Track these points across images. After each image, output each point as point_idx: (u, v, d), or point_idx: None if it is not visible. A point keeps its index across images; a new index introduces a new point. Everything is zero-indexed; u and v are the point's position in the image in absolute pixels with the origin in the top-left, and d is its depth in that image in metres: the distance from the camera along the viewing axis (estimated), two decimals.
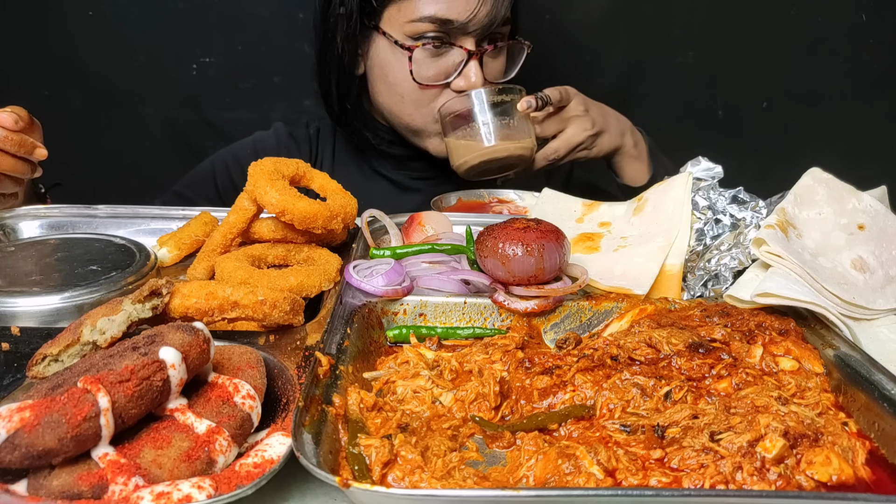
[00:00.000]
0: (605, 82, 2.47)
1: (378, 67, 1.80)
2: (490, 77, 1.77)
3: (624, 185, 1.86)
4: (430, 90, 1.76)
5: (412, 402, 0.93)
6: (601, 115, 1.77)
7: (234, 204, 1.27)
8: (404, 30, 1.71)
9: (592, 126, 1.74)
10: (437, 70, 1.74)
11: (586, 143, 1.75)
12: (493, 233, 1.13)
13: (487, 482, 0.79)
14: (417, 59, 1.72)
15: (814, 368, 0.98)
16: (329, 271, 1.20)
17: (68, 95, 2.38)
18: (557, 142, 1.73)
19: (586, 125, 1.73)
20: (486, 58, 1.76)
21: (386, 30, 1.73)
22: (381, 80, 1.82)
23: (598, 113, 1.77)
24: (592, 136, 1.74)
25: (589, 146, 1.76)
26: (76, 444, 0.70)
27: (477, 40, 1.71)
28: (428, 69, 1.73)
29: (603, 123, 1.76)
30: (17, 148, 1.35)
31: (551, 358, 1.00)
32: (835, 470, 0.78)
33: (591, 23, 2.41)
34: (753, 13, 2.40)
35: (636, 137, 1.84)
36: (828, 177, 1.29)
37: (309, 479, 0.78)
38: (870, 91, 2.46)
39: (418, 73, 1.73)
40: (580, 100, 1.76)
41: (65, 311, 1.08)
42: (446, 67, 1.73)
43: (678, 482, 0.78)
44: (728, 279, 1.20)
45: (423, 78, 1.73)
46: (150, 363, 0.76)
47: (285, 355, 0.97)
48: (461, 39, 1.70)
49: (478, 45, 1.72)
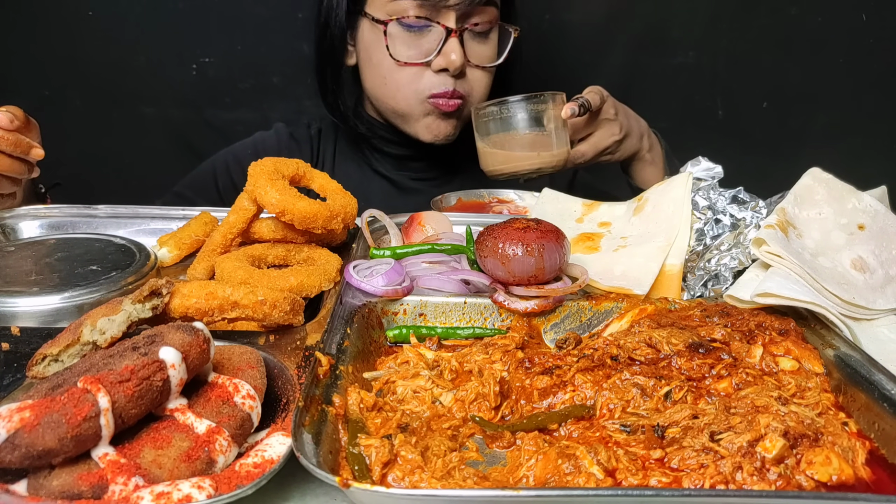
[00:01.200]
0: (606, 82, 2.43)
1: (363, 51, 1.81)
2: (475, 60, 1.75)
3: (637, 187, 1.84)
4: (410, 69, 1.73)
5: (412, 402, 0.93)
6: (626, 118, 1.76)
7: (234, 204, 1.27)
8: (387, 9, 1.71)
9: (620, 130, 1.72)
10: (416, 49, 1.72)
11: (612, 147, 1.74)
12: (493, 233, 1.13)
13: (487, 482, 0.79)
14: (395, 35, 1.71)
15: (814, 368, 0.98)
16: (329, 271, 1.20)
17: (68, 95, 2.38)
18: (586, 145, 1.71)
19: (614, 130, 1.72)
20: (471, 40, 1.74)
21: (369, 12, 1.74)
22: (366, 63, 1.82)
23: (625, 116, 1.75)
24: (618, 142, 1.73)
25: (614, 150, 1.75)
26: (76, 444, 0.70)
27: (457, 17, 1.68)
28: (408, 48, 1.72)
29: (628, 127, 1.75)
30: (13, 148, 1.34)
31: (551, 358, 1.00)
32: (835, 470, 0.78)
33: (592, 23, 2.41)
34: (753, 13, 2.40)
35: (652, 141, 1.83)
36: (828, 177, 1.29)
37: (309, 479, 0.78)
38: (870, 91, 2.46)
39: (396, 50, 1.71)
40: (611, 102, 1.74)
41: (65, 311, 1.08)
42: (427, 47, 1.71)
43: (678, 482, 0.78)
44: (728, 279, 1.20)
45: (401, 56, 1.72)
46: (150, 363, 0.76)
47: (285, 355, 0.97)
48: (442, 17, 1.68)
49: (459, 24, 1.69)
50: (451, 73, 1.72)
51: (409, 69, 1.74)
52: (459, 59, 1.69)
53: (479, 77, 1.80)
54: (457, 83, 1.75)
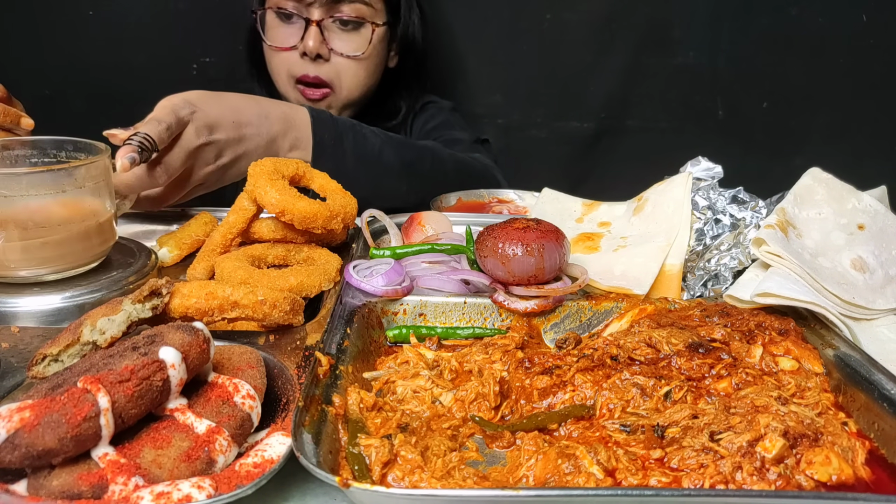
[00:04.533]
0: (606, 82, 2.47)
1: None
2: (342, 51, 1.93)
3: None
4: (282, 53, 1.96)
5: (412, 402, 0.93)
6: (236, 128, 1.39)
7: (233, 204, 1.27)
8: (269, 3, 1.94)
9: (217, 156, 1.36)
10: (285, 34, 1.94)
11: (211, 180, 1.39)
12: (493, 233, 1.13)
13: (487, 482, 0.79)
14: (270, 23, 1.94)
15: (814, 368, 0.98)
16: (329, 271, 1.20)
17: (68, 95, 2.38)
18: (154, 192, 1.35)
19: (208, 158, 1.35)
20: (336, 30, 1.93)
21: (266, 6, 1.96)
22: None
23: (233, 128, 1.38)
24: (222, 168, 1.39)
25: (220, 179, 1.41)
26: (76, 444, 0.70)
27: (320, 10, 1.89)
28: (278, 34, 1.95)
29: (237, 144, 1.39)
30: (2, 118, 1.30)
31: (551, 358, 1.00)
32: (834, 470, 0.78)
33: (592, 22, 2.41)
34: (754, 13, 2.40)
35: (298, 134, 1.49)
36: (828, 177, 1.29)
37: (309, 479, 0.78)
38: (870, 91, 2.46)
39: (269, 35, 1.96)
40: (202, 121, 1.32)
41: (65, 311, 1.08)
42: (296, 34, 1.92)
43: (678, 482, 0.78)
44: (728, 279, 1.20)
45: (272, 40, 1.96)
46: (150, 363, 0.76)
47: (285, 355, 0.97)
48: (308, 11, 1.90)
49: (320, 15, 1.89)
50: (311, 56, 1.91)
51: (282, 54, 1.96)
52: (315, 43, 1.89)
53: (347, 66, 1.97)
54: (320, 69, 1.94)
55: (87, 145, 1.20)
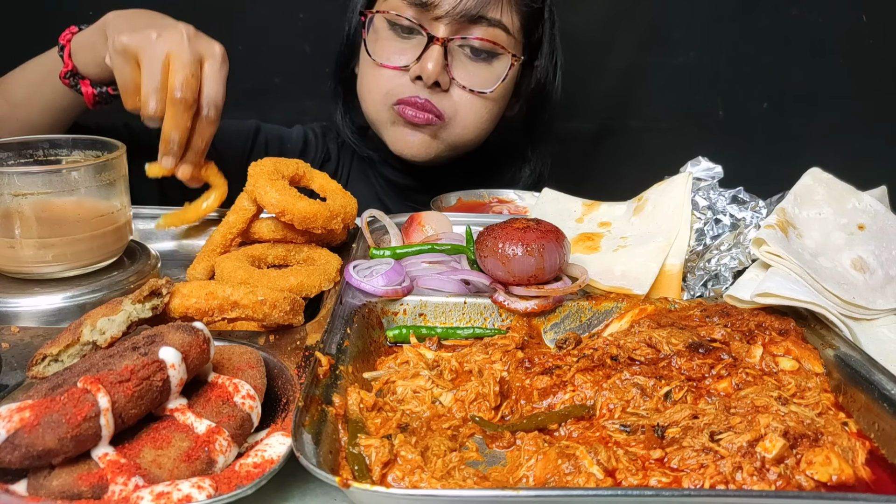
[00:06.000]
0: (606, 82, 2.47)
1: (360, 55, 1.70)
2: (467, 84, 1.59)
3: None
4: (386, 72, 1.59)
5: (412, 402, 0.93)
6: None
7: (233, 204, 1.28)
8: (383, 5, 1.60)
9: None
10: (397, 50, 1.57)
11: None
12: (493, 233, 1.13)
13: (487, 482, 0.79)
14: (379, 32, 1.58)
15: (814, 368, 0.98)
16: (329, 271, 1.20)
17: None
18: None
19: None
20: (463, 58, 1.58)
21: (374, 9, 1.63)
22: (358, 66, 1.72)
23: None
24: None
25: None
26: (76, 444, 0.70)
27: (448, 30, 1.54)
28: (385, 47, 1.59)
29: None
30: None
31: (551, 358, 1.00)
32: (835, 470, 0.78)
33: (593, 23, 2.41)
34: (754, 13, 2.40)
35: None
36: (828, 177, 1.29)
37: (309, 479, 0.78)
38: (870, 91, 2.46)
39: (376, 48, 1.59)
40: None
41: (65, 310, 1.08)
42: (411, 51, 1.57)
43: (678, 482, 0.78)
44: (728, 279, 1.20)
45: (378, 55, 1.59)
46: (150, 363, 0.76)
47: (285, 355, 0.97)
48: (431, 26, 1.54)
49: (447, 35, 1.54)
50: (426, 84, 1.55)
51: (386, 72, 1.59)
52: (436, 67, 1.53)
53: (468, 101, 1.61)
54: (433, 97, 1.59)
55: (104, 143, 1.23)
